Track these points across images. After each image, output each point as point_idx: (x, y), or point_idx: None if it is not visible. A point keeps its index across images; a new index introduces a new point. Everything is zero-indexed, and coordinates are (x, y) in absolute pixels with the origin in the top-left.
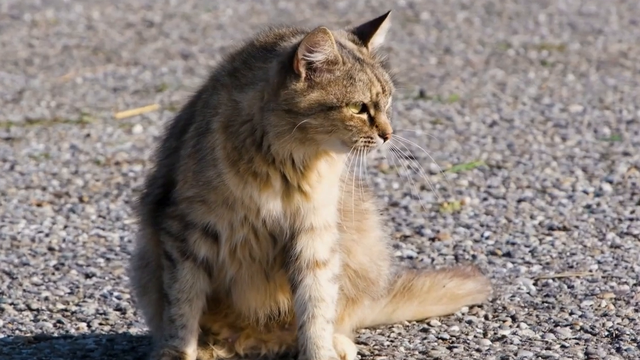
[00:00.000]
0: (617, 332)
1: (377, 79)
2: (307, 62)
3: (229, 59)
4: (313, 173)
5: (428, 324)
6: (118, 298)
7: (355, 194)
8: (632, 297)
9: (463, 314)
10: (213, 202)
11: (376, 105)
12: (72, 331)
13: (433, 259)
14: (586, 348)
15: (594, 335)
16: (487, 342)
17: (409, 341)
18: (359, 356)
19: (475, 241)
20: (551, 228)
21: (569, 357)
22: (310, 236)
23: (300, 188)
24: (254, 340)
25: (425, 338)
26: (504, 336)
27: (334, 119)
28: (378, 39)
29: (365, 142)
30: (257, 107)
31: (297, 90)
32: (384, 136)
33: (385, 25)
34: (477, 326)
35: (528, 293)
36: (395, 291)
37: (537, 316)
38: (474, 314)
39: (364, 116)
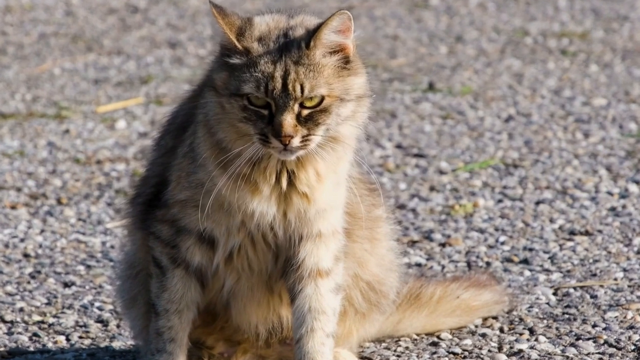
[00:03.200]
0: None
1: (282, 76)
2: (219, 41)
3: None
4: (308, 172)
5: (438, 337)
6: (100, 309)
7: (368, 200)
8: None
9: (476, 326)
10: (209, 207)
11: (276, 103)
12: (50, 345)
13: (443, 266)
14: None
15: (619, 349)
16: (503, 357)
17: (417, 356)
18: None
19: (490, 247)
20: (572, 232)
21: None
22: (315, 243)
23: (297, 190)
24: (251, 355)
25: (434, 352)
26: (521, 350)
27: (233, 105)
28: (329, 36)
29: (260, 139)
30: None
31: (214, 66)
32: (277, 137)
33: (333, 24)
34: (491, 339)
35: (547, 303)
36: (401, 299)
37: (557, 329)
38: (488, 326)
39: (264, 112)
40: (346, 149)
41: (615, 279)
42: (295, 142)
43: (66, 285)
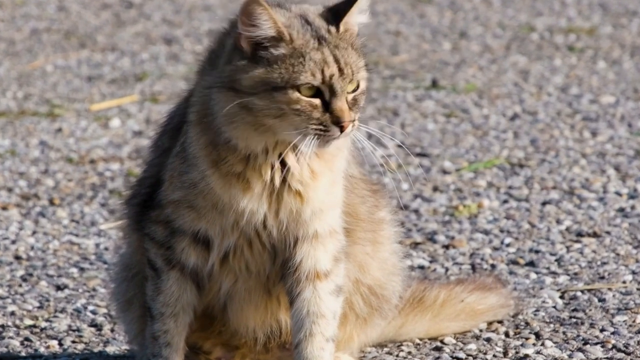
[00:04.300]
0: None
1: (334, 61)
2: (248, 37)
3: (211, 40)
4: (302, 169)
5: (441, 341)
6: (93, 313)
7: (370, 200)
8: None
9: (481, 331)
10: (202, 207)
11: (331, 89)
12: (42, 350)
13: (447, 269)
14: None
15: (628, 354)
16: None
17: None
18: None
19: (495, 249)
20: (580, 234)
21: None
22: (312, 244)
23: (290, 187)
24: None
25: (438, 357)
26: (526, 355)
27: (279, 101)
28: (354, 18)
29: (316, 129)
30: (202, 86)
31: (239, 66)
32: (338, 124)
33: (362, 4)
34: (496, 344)
35: (554, 307)
36: (404, 302)
37: (564, 333)
38: (493, 331)
39: (317, 101)
40: (345, 141)
41: (624, 282)
42: (350, 127)
43: (59, 288)
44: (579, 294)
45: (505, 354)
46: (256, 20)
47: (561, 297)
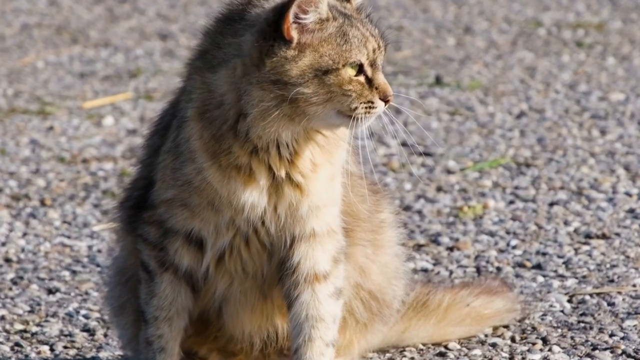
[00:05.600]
0: None
1: (370, 34)
2: (299, 25)
3: (199, 39)
4: (305, 160)
5: (445, 347)
6: (86, 317)
7: (370, 202)
8: None
9: (486, 336)
10: (196, 205)
11: (373, 64)
12: (33, 355)
13: (451, 272)
14: None
15: None
16: None
17: None
18: None
19: (501, 251)
20: (588, 236)
21: None
22: (310, 244)
23: (291, 179)
24: None
25: None
26: None
27: (330, 84)
28: None
29: (366, 108)
30: (229, 85)
31: (287, 58)
32: (385, 99)
33: None
34: (502, 350)
35: (562, 311)
36: (407, 306)
37: (572, 338)
38: (498, 336)
39: (362, 78)
40: (347, 132)
41: (634, 285)
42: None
43: (50, 291)
44: (587, 297)
45: (511, 359)
46: (315, 6)
47: (569, 301)
